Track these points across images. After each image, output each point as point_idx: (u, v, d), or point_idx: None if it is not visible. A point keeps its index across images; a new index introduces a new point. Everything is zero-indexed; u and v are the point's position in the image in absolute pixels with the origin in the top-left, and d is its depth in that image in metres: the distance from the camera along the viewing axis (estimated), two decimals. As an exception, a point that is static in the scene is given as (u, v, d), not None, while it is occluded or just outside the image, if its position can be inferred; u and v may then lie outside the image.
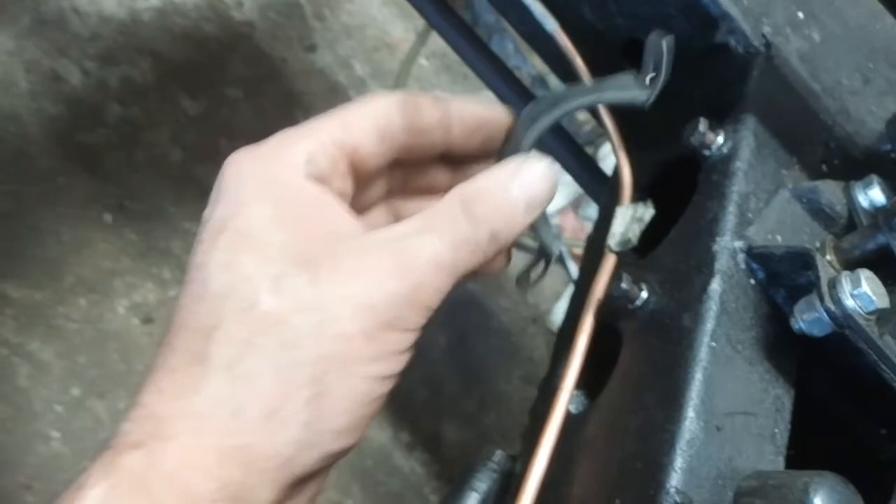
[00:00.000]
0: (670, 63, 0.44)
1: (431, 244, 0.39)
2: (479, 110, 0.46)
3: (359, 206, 0.44)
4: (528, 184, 0.41)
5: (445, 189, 0.43)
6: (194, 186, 1.24)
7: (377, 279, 0.38)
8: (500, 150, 0.46)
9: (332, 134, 0.41)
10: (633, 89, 0.44)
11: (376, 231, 0.40)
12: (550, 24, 0.50)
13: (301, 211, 0.40)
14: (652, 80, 0.44)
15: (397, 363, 0.39)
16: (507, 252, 0.44)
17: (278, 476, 0.37)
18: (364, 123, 0.42)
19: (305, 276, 0.38)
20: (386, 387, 0.39)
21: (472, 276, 0.41)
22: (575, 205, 1.48)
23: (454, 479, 0.45)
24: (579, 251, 1.38)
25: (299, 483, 0.38)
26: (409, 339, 0.39)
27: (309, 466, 0.38)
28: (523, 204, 0.41)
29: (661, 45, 0.44)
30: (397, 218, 0.47)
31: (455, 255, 0.39)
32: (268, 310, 0.37)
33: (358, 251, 0.39)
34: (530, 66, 1.33)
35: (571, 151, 0.60)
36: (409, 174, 0.47)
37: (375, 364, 0.38)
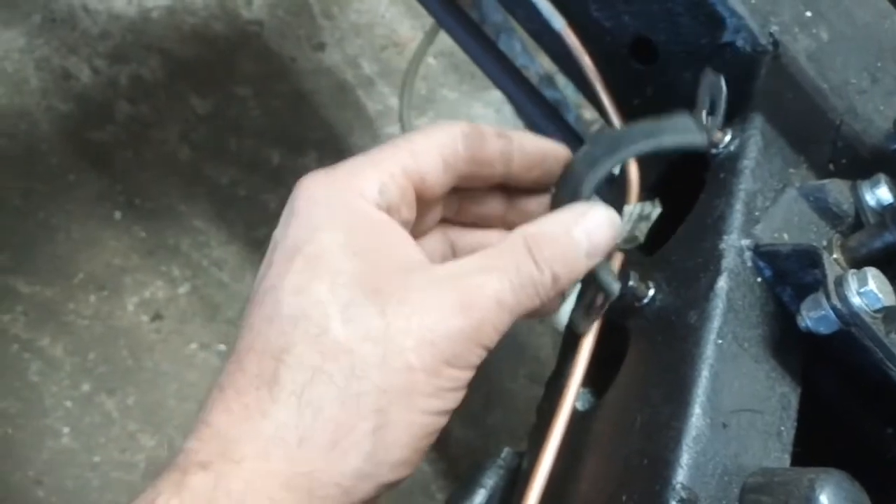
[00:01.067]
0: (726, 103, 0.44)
1: (495, 283, 0.39)
2: (541, 144, 0.46)
3: (416, 231, 0.45)
4: (592, 230, 0.42)
5: (498, 219, 0.44)
6: (203, 184, 1.24)
7: (441, 315, 0.38)
8: (557, 185, 0.46)
9: (401, 163, 0.42)
10: (693, 133, 0.44)
11: (443, 265, 0.41)
12: (558, 22, 0.50)
13: (371, 240, 0.40)
14: (710, 122, 0.44)
15: (453, 400, 0.40)
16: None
17: None
18: (431, 153, 0.42)
19: (374, 306, 0.38)
20: (441, 422, 0.40)
21: (527, 317, 0.42)
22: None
23: (461, 477, 0.45)
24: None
25: None
26: (465, 376, 0.40)
27: (366, 497, 0.38)
28: (585, 249, 0.42)
29: (720, 83, 0.44)
30: (452, 246, 0.48)
31: (516, 296, 0.40)
32: (337, 337, 0.37)
33: (424, 285, 0.39)
34: (538, 65, 1.33)
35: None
36: (465, 203, 0.47)
37: (435, 399, 0.39)
